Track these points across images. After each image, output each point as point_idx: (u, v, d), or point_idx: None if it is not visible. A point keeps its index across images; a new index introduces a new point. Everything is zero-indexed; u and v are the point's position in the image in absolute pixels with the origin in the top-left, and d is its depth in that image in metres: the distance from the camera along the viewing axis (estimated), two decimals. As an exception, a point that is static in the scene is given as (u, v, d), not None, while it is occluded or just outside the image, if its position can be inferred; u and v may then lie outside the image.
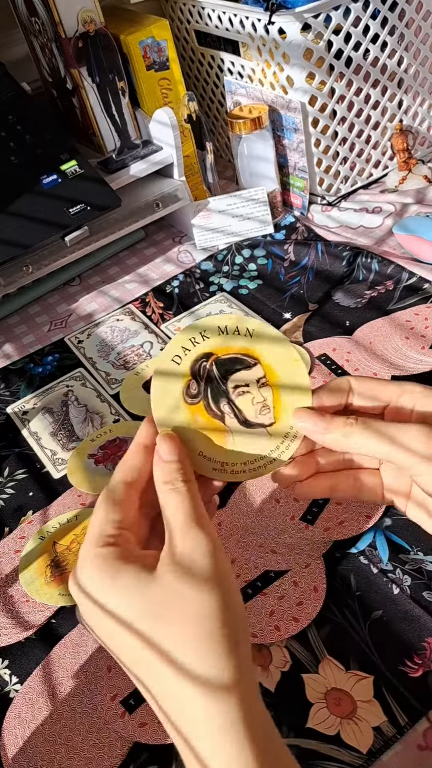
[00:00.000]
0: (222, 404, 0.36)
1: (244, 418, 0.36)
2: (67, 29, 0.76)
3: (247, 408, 0.36)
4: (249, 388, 0.36)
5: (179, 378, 0.36)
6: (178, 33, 0.94)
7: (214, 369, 0.36)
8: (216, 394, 0.36)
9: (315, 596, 0.46)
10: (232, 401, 0.36)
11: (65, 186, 0.76)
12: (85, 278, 0.86)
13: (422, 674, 0.41)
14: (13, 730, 0.43)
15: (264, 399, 0.36)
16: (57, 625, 0.48)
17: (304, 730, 0.40)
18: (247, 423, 0.36)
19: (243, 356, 0.36)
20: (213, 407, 0.36)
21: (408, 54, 0.82)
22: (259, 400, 0.36)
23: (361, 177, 0.88)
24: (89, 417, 0.65)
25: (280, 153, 0.85)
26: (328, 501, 0.51)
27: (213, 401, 0.36)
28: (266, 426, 0.36)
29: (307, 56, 0.74)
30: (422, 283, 0.70)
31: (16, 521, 0.56)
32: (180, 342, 0.36)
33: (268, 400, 0.36)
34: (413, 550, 0.47)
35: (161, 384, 0.36)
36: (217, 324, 0.36)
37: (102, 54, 0.77)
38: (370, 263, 0.74)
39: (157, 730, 0.41)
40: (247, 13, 0.78)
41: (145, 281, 0.82)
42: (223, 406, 0.36)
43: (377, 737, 0.39)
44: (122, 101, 0.81)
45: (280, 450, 0.36)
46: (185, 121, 0.85)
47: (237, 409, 0.36)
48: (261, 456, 0.36)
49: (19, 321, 0.81)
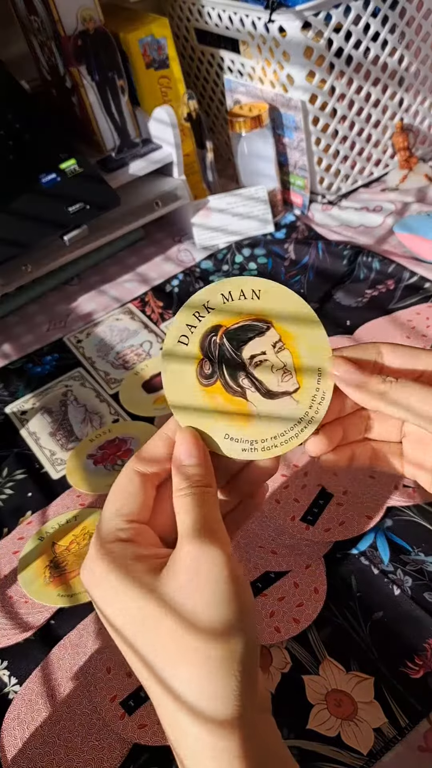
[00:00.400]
0: (240, 379, 0.33)
1: (267, 389, 0.33)
2: (66, 27, 0.75)
3: (267, 378, 0.33)
4: (266, 356, 0.33)
5: (190, 360, 0.33)
6: (178, 31, 0.94)
7: (225, 342, 0.33)
8: (232, 370, 0.33)
9: (315, 597, 0.45)
10: (251, 374, 0.33)
11: (64, 185, 0.75)
12: (85, 278, 0.85)
13: (423, 675, 0.41)
14: (13, 731, 0.43)
15: (284, 364, 0.33)
16: (56, 626, 0.48)
17: (305, 731, 0.39)
18: (270, 394, 0.33)
19: (254, 322, 0.33)
20: (231, 384, 0.33)
21: (408, 52, 0.81)
22: (278, 367, 0.33)
23: (361, 176, 0.88)
24: (88, 417, 0.65)
25: (281, 151, 0.84)
26: (329, 502, 0.51)
27: (230, 378, 0.33)
28: (291, 393, 0.33)
29: (307, 54, 0.74)
30: (423, 282, 0.70)
31: (14, 522, 0.56)
32: (184, 320, 0.33)
33: (288, 365, 0.33)
34: (414, 551, 0.47)
35: (172, 370, 0.33)
36: (220, 292, 0.33)
37: (101, 52, 0.77)
38: (370, 262, 0.74)
39: (156, 732, 0.41)
40: (247, 11, 0.78)
41: (144, 280, 0.82)
42: (242, 381, 0.33)
43: (378, 738, 0.39)
44: (122, 100, 0.80)
45: (310, 415, 0.33)
46: (185, 119, 0.84)
47: (257, 381, 0.33)
48: (291, 426, 0.33)
49: (18, 321, 0.81)
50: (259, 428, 0.33)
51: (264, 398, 0.33)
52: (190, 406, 0.33)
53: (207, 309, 0.33)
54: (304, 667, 0.42)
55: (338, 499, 0.51)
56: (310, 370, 0.33)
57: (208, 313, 0.33)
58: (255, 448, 0.33)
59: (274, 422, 0.33)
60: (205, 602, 0.28)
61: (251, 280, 0.33)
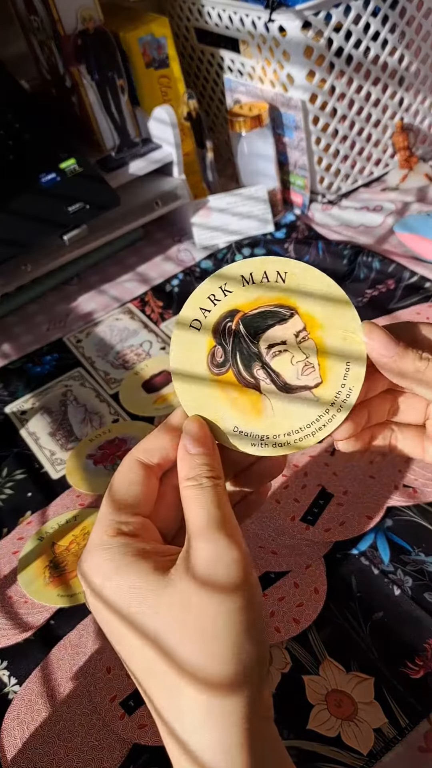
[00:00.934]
0: (255, 370, 0.30)
1: (284, 382, 0.30)
2: (66, 27, 0.75)
3: (285, 370, 0.30)
4: (286, 346, 0.30)
5: (201, 346, 0.31)
6: (178, 30, 0.94)
7: (241, 329, 0.30)
8: (246, 359, 0.30)
9: (316, 597, 0.45)
10: (267, 364, 0.30)
11: (64, 184, 0.75)
12: (84, 277, 0.85)
13: (423, 676, 0.41)
14: (12, 731, 0.43)
15: (306, 356, 0.30)
16: (56, 626, 0.48)
17: (305, 731, 0.39)
18: (287, 387, 0.30)
19: (275, 308, 0.30)
20: (244, 375, 0.30)
21: (409, 52, 0.81)
22: (299, 359, 0.30)
23: (361, 175, 0.88)
24: (88, 417, 0.65)
25: (281, 151, 0.84)
26: (329, 502, 0.51)
27: (244, 368, 0.30)
28: (311, 388, 0.30)
29: (307, 54, 0.74)
30: (423, 282, 0.70)
31: (14, 522, 0.56)
32: (197, 302, 0.31)
33: (311, 357, 0.30)
34: (414, 551, 0.47)
35: (181, 356, 0.31)
36: (240, 273, 0.30)
37: (101, 52, 0.77)
38: (371, 262, 0.74)
39: (156, 732, 0.41)
40: (247, 11, 0.78)
41: (144, 280, 0.82)
42: (257, 372, 0.30)
43: (378, 739, 0.39)
44: (121, 99, 0.80)
45: (331, 413, 0.30)
46: (185, 119, 0.84)
47: (274, 373, 0.30)
48: (308, 423, 0.30)
49: (18, 320, 0.81)
50: (271, 423, 0.30)
51: (280, 392, 0.30)
52: (198, 395, 0.31)
53: (224, 291, 0.31)
54: (304, 668, 0.42)
55: (338, 499, 0.51)
56: (337, 363, 0.30)
57: (225, 296, 0.31)
58: (266, 444, 0.30)
59: (289, 418, 0.30)
60: (219, 607, 0.26)
61: (277, 260, 0.31)
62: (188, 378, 0.31)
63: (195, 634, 0.26)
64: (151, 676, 0.27)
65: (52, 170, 0.76)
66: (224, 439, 0.31)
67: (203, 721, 0.25)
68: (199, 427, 0.30)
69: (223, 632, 0.25)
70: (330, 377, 0.30)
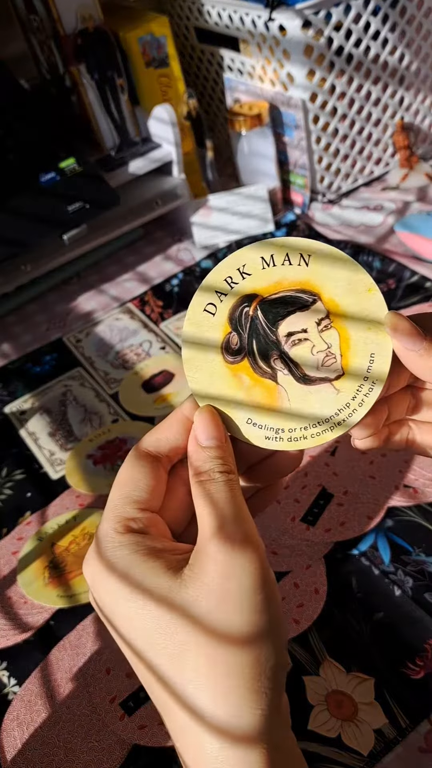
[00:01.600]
0: (272, 359, 0.29)
1: (303, 373, 0.29)
2: (65, 26, 0.75)
3: (305, 360, 0.28)
4: (307, 334, 0.28)
5: (216, 332, 0.29)
6: (178, 29, 0.94)
7: (259, 315, 0.29)
8: (263, 348, 0.29)
9: (316, 598, 0.45)
10: (285, 354, 0.28)
11: (64, 184, 0.75)
12: (84, 277, 0.85)
13: (424, 676, 0.41)
14: (12, 732, 0.43)
15: (328, 346, 0.28)
16: (56, 626, 0.48)
17: (305, 732, 0.39)
18: (306, 379, 0.29)
19: (297, 293, 0.28)
20: (261, 365, 0.29)
21: (409, 51, 0.81)
22: (321, 349, 0.28)
23: (362, 174, 0.88)
24: (88, 417, 0.65)
25: (281, 150, 0.84)
26: (329, 502, 0.51)
27: (260, 357, 0.29)
28: (332, 380, 0.28)
29: (307, 53, 0.74)
30: (424, 282, 0.70)
31: (14, 522, 0.56)
32: (213, 285, 0.29)
33: (333, 347, 0.28)
34: (415, 552, 0.47)
35: (193, 342, 0.29)
36: (260, 254, 0.28)
37: (101, 51, 0.77)
38: (371, 261, 0.74)
39: (156, 733, 0.41)
40: (247, 10, 0.77)
41: (144, 280, 0.82)
42: (274, 362, 0.29)
43: (378, 740, 0.38)
44: (121, 98, 0.80)
45: (352, 407, 0.28)
46: (185, 118, 0.84)
47: (292, 364, 0.29)
48: (326, 418, 0.28)
49: (17, 320, 0.81)
50: (287, 416, 0.29)
51: (298, 383, 0.29)
52: (210, 384, 0.29)
53: (243, 274, 0.29)
54: (305, 668, 0.42)
55: (339, 499, 0.51)
56: (361, 355, 0.28)
57: (243, 279, 0.29)
58: (280, 438, 0.29)
59: (308, 411, 0.29)
60: (236, 611, 0.25)
61: (300, 242, 0.28)
62: (200, 366, 0.29)
63: (205, 637, 0.25)
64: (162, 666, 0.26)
65: (52, 170, 0.75)
66: (236, 432, 0.29)
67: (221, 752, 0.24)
68: (210, 417, 0.28)
69: (237, 635, 0.24)
70: (352, 369, 0.28)
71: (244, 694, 0.24)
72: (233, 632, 0.24)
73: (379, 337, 0.28)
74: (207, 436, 0.28)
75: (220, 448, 0.28)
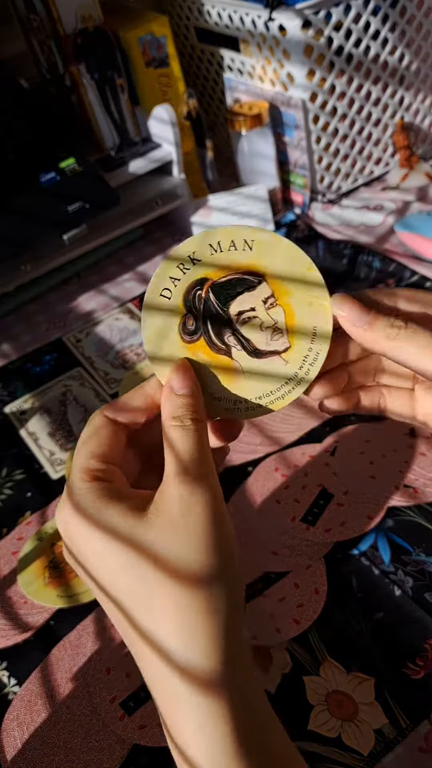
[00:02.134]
0: (226, 336, 0.31)
1: (254, 347, 0.32)
2: (65, 26, 0.75)
3: (255, 336, 0.31)
4: (255, 312, 0.31)
5: (172, 315, 0.31)
6: (178, 29, 0.94)
7: (211, 297, 0.31)
8: (218, 327, 0.31)
9: (316, 598, 0.45)
10: (237, 331, 0.31)
11: (63, 184, 0.75)
12: (84, 277, 0.85)
13: (424, 676, 0.41)
14: (12, 732, 0.43)
15: (275, 322, 0.31)
16: (56, 626, 0.48)
17: (305, 732, 0.39)
18: (257, 353, 0.32)
19: (244, 275, 0.31)
20: (216, 341, 0.31)
21: (409, 51, 0.81)
22: (268, 324, 0.31)
23: (362, 174, 0.88)
24: (88, 417, 0.64)
25: (281, 150, 0.84)
26: (329, 502, 0.51)
27: (215, 335, 0.31)
28: (280, 352, 0.32)
29: (307, 53, 0.74)
30: (424, 282, 0.70)
31: (14, 522, 0.56)
32: (167, 272, 0.31)
33: (279, 323, 0.31)
34: (415, 552, 0.47)
35: (152, 325, 0.31)
36: (208, 242, 0.31)
37: (101, 51, 0.77)
38: (371, 261, 0.74)
39: (156, 733, 0.41)
40: (247, 10, 0.77)
41: (144, 280, 0.82)
42: (228, 339, 0.31)
43: (378, 740, 0.38)
44: (121, 98, 0.80)
45: (300, 376, 0.32)
46: (185, 118, 0.84)
47: (244, 339, 0.31)
48: (278, 386, 0.32)
49: (17, 320, 0.81)
50: (244, 388, 0.32)
51: (250, 357, 0.32)
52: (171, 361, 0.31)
53: (193, 261, 0.31)
54: (305, 668, 0.42)
55: (339, 499, 0.51)
56: (305, 328, 0.31)
57: (193, 265, 0.31)
58: (238, 408, 0.32)
59: (260, 382, 0.32)
60: (192, 547, 0.27)
61: (243, 229, 0.31)
62: (161, 347, 0.32)
63: (167, 582, 0.26)
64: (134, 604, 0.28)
65: (52, 169, 0.75)
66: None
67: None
68: (186, 369, 0.31)
69: (191, 570, 0.26)
70: (298, 342, 0.31)
71: (200, 629, 0.26)
72: (186, 569, 0.26)
73: (320, 311, 0.31)
74: (181, 385, 0.30)
75: (192, 396, 0.30)
